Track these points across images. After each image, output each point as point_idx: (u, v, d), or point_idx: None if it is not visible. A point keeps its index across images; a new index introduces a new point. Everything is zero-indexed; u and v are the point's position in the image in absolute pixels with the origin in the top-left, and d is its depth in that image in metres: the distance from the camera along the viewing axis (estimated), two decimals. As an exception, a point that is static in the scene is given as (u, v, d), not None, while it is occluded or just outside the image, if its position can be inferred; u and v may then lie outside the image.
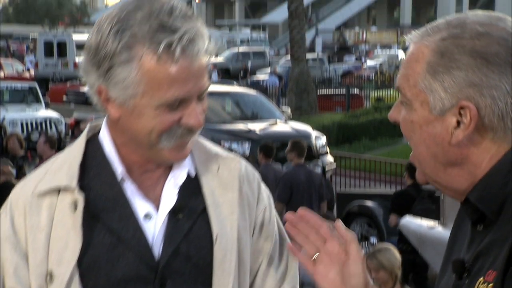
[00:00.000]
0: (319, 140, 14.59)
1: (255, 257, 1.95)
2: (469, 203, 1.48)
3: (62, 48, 35.33)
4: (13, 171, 9.02)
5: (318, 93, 26.43)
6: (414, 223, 7.23)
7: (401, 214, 8.19)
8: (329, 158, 14.57)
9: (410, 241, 7.25)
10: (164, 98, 1.75)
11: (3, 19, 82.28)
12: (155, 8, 1.74)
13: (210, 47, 1.79)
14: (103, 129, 1.89)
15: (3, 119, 17.39)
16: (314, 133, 14.55)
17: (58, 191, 1.83)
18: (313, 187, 9.09)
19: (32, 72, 35.98)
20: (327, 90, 29.81)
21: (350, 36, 68.33)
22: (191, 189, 1.89)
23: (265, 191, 2.01)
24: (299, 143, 9.42)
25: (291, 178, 9.17)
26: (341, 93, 27.48)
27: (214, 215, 1.86)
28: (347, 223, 9.52)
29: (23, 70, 36.38)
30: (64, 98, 25.43)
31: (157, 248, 1.83)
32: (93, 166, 1.87)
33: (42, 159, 10.32)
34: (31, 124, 17.54)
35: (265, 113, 15.32)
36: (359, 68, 42.12)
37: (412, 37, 1.53)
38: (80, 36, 37.84)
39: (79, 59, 34.86)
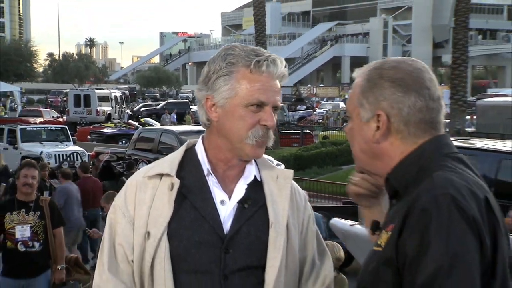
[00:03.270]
0: (280, 167, 14.54)
1: (303, 249, 1.99)
2: (388, 182, 1.60)
3: (87, 100, 35.15)
4: None
5: (279, 133, 26.49)
6: (340, 222, 7.22)
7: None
8: (286, 181, 14.49)
9: (338, 237, 7.11)
10: (251, 99, 1.85)
11: (43, 79, 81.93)
12: (247, 47, 1.91)
13: (285, 73, 1.91)
14: (198, 142, 1.98)
15: (41, 152, 17.40)
16: (275, 162, 14.47)
17: (161, 176, 1.91)
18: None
19: (64, 117, 35.88)
20: (287, 130, 29.91)
21: (304, 90, 68.56)
22: (256, 188, 1.94)
23: (309, 205, 2.06)
24: None
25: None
26: (297, 132, 27.58)
27: (271, 209, 1.91)
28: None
29: (58, 117, 36.25)
30: (88, 137, 25.44)
31: (226, 225, 1.88)
32: (188, 164, 1.94)
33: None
34: (62, 156, 17.55)
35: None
36: (311, 114, 42.33)
37: (356, 73, 1.66)
38: (101, 91, 38.07)
39: (100, 108, 35.12)
